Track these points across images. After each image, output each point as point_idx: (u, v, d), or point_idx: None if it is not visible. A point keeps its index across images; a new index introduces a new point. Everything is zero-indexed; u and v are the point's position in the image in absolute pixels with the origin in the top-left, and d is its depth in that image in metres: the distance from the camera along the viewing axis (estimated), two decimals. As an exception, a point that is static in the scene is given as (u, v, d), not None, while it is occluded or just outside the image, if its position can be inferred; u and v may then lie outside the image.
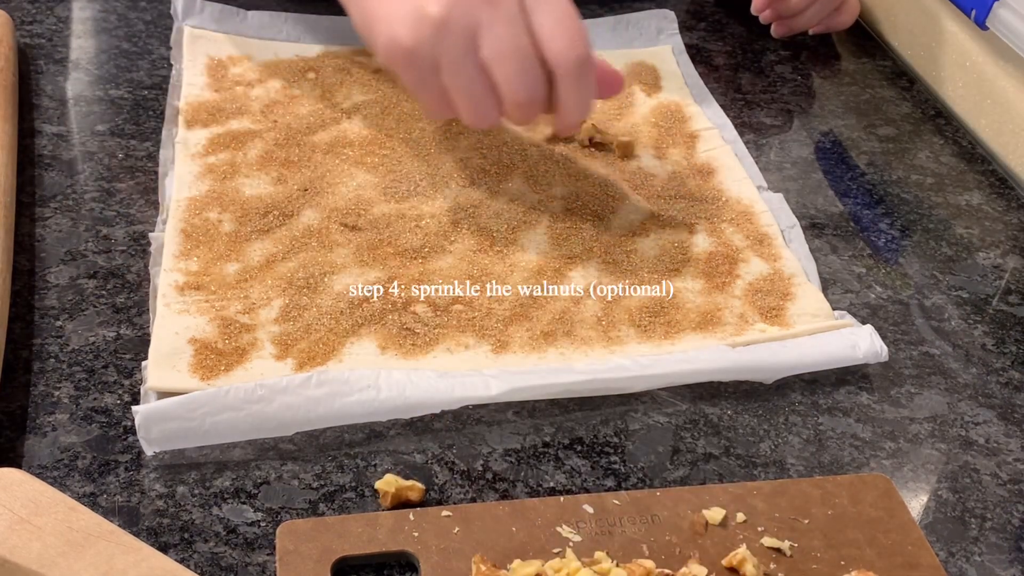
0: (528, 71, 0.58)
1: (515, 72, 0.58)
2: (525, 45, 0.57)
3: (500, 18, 0.57)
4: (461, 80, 0.58)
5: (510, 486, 0.52)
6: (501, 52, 0.57)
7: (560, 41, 0.58)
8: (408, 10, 0.58)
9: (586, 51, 0.59)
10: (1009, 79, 0.79)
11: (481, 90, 0.58)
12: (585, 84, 0.60)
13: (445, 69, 0.58)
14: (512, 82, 0.58)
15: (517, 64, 0.57)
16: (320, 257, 0.62)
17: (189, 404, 0.51)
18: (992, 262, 0.69)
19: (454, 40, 0.57)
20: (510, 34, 0.57)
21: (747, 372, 0.58)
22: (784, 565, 0.48)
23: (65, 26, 0.82)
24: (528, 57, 0.58)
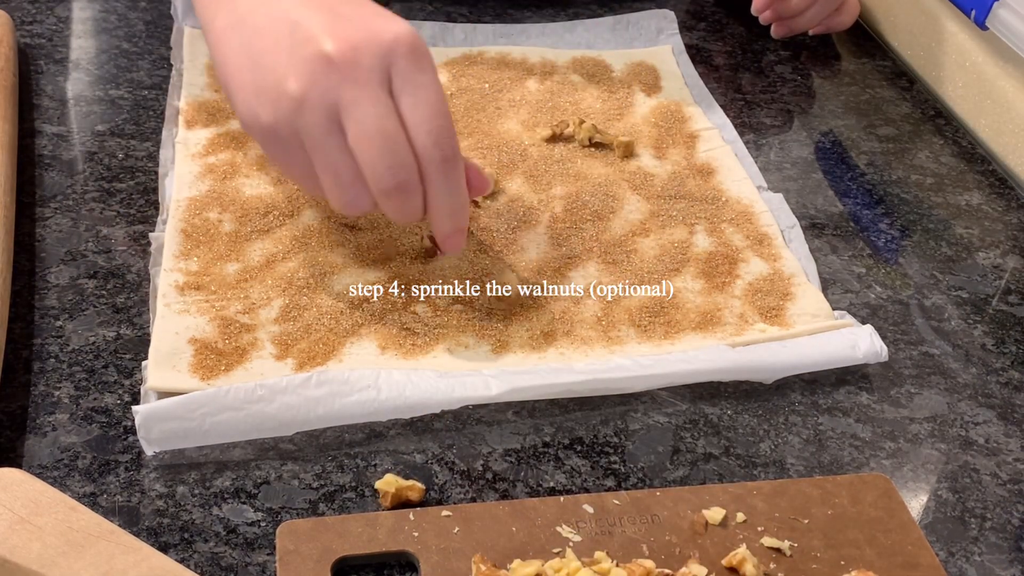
0: (395, 154, 0.52)
1: (380, 154, 0.52)
2: (392, 128, 0.52)
3: (364, 97, 0.52)
4: (325, 162, 0.53)
5: (510, 486, 0.52)
6: (365, 133, 0.52)
7: (428, 135, 0.53)
8: (269, 84, 0.53)
9: (453, 151, 0.54)
10: (1009, 79, 0.79)
11: (347, 173, 0.53)
12: (453, 183, 0.54)
13: (308, 149, 0.53)
14: (377, 165, 0.52)
15: (382, 146, 0.52)
16: (320, 257, 0.62)
17: (189, 404, 0.51)
18: (992, 262, 0.69)
19: (315, 119, 0.52)
20: (375, 115, 0.52)
21: (747, 372, 0.58)
22: (784, 565, 0.48)
23: (65, 26, 0.82)
24: (395, 140, 0.52)
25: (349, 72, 0.52)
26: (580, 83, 0.80)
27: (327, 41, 0.52)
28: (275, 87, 0.53)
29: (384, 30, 0.53)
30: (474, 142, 0.72)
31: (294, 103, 0.52)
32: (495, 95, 0.78)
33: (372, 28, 0.53)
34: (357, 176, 0.53)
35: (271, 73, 0.53)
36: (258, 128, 0.54)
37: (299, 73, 0.52)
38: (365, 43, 0.52)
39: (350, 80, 0.52)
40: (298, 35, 0.53)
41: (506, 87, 0.79)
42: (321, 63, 0.52)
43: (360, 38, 0.52)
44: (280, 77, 0.53)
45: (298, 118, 0.52)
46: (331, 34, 0.52)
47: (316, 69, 0.52)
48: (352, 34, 0.52)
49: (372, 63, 0.52)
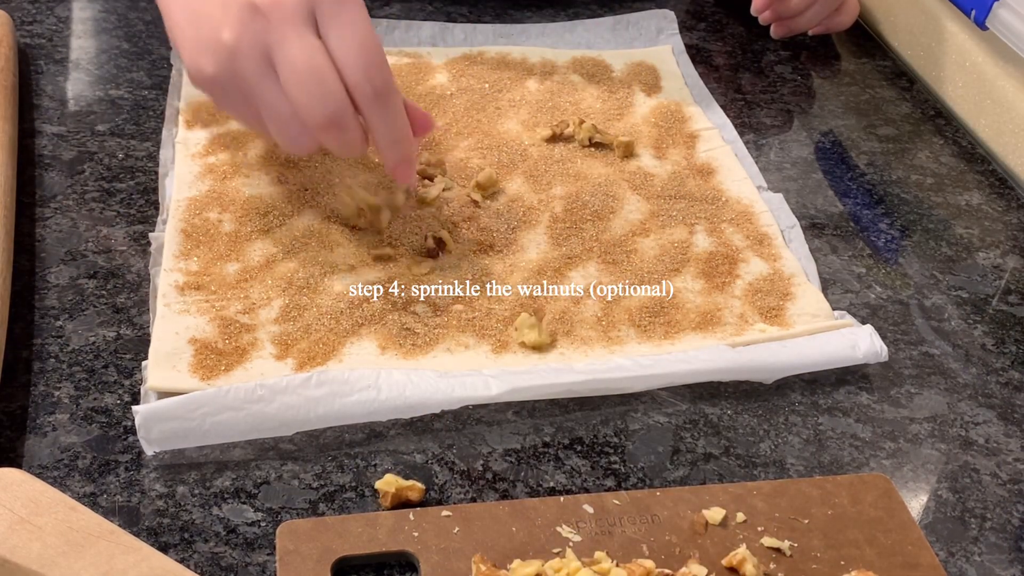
0: (323, 89, 0.55)
1: (308, 90, 0.55)
2: (319, 63, 0.55)
3: (290, 38, 0.55)
4: (263, 104, 0.56)
5: (510, 486, 0.52)
6: (293, 71, 0.55)
7: (357, 68, 0.55)
8: (207, 36, 0.56)
9: (384, 82, 0.56)
10: (1009, 79, 0.79)
11: (285, 113, 0.56)
12: (390, 114, 0.57)
13: (248, 95, 0.57)
14: (307, 101, 0.55)
15: (309, 82, 0.54)
16: (320, 257, 0.62)
17: (189, 404, 0.51)
18: (992, 262, 0.69)
19: (249, 64, 0.55)
20: (301, 53, 0.54)
21: (747, 372, 0.58)
22: (784, 565, 0.48)
23: (65, 26, 0.82)
24: (322, 75, 0.55)
25: (274, 16, 0.55)
26: (580, 83, 0.80)
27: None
28: (212, 38, 0.56)
29: None
30: (474, 142, 0.72)
31: (229, 51, 0.56)
32: (495, 95, 0.78)
33: None
34: (294, 115, 0.56)
35: (208, 26, 0.56)
36: (203, 80, 0.58)
37: (231, 23, 0.55)
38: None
39: (276, 23, 0.55)
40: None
41: (506, 87, 0.79)
42: (249, 10, 0.55)
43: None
44: (216, 28, 0.56)
45: (234, 65, 0.56)
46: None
47: (244, 17, 0.55)
48: None
49: (295, 6, 0.55)
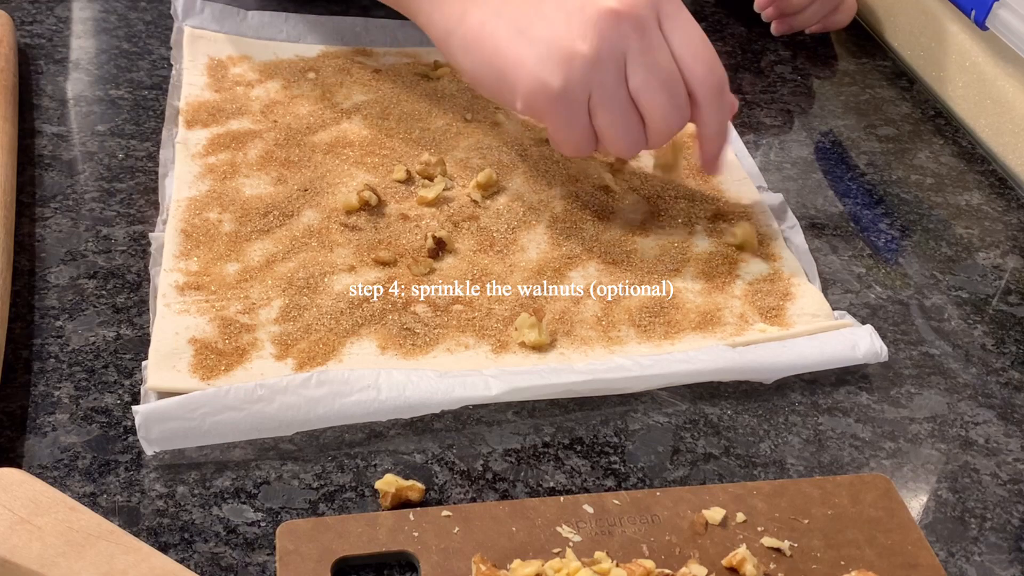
0: (677, 97, 0.58)
1: (666, 100, 0.58)
2: (673, 71, 0.58)
3: (649, 46, 0.57)
4: (612, 114, 0.58)
5: (510, 486, 0.52)
6: (655, 79, 0.57)
7: (701, 66, 0.58)
8: (553, 51, 0.57)
9: (723, 74, 0.60)
10: (1009, 79, 0.79)
11: (632, 121, 0.59)
12: (725, 106, 0.61)
13: (596, 105, 0.58)
14: (664, 109, 0.58)
15: (668, 92, 0.58)
16: (320, 257, 0.62)
17: (189, 404, 0.51)
18: (992, 262, 0.69)
19: (606, 75, 0.57)
20: (659, 62, 0.57)
21: (747, 372, 0.58)
22: (784, 565, 0.48)
23: (65, 26, 0.82)
24: (677, 83, 0.58)
25: (635, 22, 0.57)
26: (580, 83, 0.80)
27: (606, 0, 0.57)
28: (563, 52, 0.57)
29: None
30: (474, 142, 0.72)
31: (586, 61, 0.56)
32: (495, 95, 0.78)
33: None
34: (639, 121, 0.59)
35: (555, 41, 0.57)
36: (548, 96, 0.58)
37: (585, 34, 0.56)
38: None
39: (637, 29, 0.57)
40: (570, 5, 0.57)
41: (506, 87, 0.79)
42: (609, 19, 0.56)
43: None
44: (566, 42, 0.57)
45: (591, 75, 0.57)
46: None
47: (603, 25, 0.56)
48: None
49: (648, 12, 0.57)
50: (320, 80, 0.77)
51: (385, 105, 0.75)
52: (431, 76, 0.79)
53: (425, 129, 0.73)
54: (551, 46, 0.57)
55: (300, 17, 0.82)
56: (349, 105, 0.75)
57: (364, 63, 0.79)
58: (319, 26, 0.82)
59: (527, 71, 0.58)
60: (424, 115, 0.75)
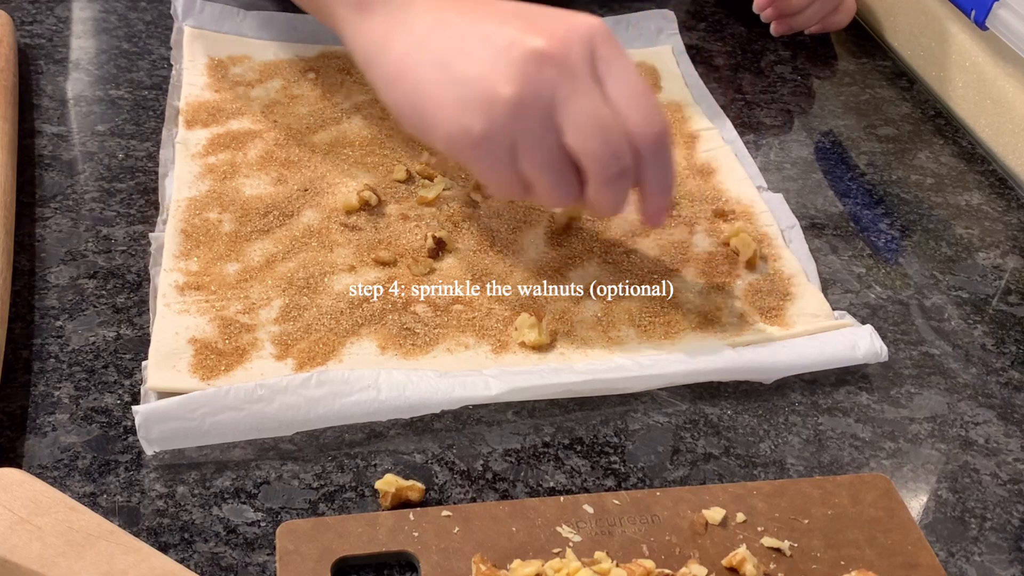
0: (617, 141, 0.53)
1: (603, 144, 0.52)
2: (608, 115, 0.53)
3: (579, 90, 0.52)
4: (541, 163, 0.53)
5: (510, 486, 0.52)
6: (585, 125, 0.52)
7: (638, 114, 0.53)
8: (475, 93, 0.52)
9: (664, 124, 0.54)
10: (1009, 79, 0.79)
11: (563, 170, 0.54)
12: (667, 158, 0.55)
13: (523, 152, 0.53)
14: (601, 154, 0.53)
15: (604, 135, 0.52)
16: (320, 257, 0.62)
17: (189, 404, 0.51)
18: (992, 262, 0.69)
19: (531, 121, 0.52)
20: (592, 106, 0.52)
21: (747, 372, 0.58)
22: (784, 565, 0.48)
23: (65, 26, 0.82)
24: (613, 129, 0.53)
25: (563, 65, 0.52)
26: (580, 83, 0.80)
27: (534, 39, 0.52)
28: (485, 95, 0.52)
29: (581, 22, 0.54)
30: (474, 142, 0.72)
31: (509, 106, 0.52)
32: (495, 95, 0.78)
33: (570, 22, 0.54)
34: (572, 170, 0.54)
35: (476, 82, 0.52)
36: (469, 141, 0.53)
37: (509, 76, 0.52)
38: (571, 35, 0.53)
39: (565, 73, 0.52)
40: (497, 41, 0.53)
41: (506, 87, 0.79)
42: (534, 60, 0.52)
43: (564, 31, 0.53)
44: (488, 85, 0.52)
45: (514, 121, 0.52)
46: (535, 32, 0.53)
47: (529, 68, 0.52)
48: (555, 29, 0.53)
49: (581, 52, 0.53)
50: (320, 80, 0.77)
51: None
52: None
53: (425, 129, 0.73)
54: (474, 87, 0.52)
55: (300, 17, 0.82)
56: (349, 105, 0.75)
57: (364, 63, 0.79)
58: (319, 26, 0.82)
59: (448, 114, 0.54)
60: (424, 115, 0.74)
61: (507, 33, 0.53)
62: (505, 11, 0.55)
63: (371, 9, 0.59)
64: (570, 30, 0.53)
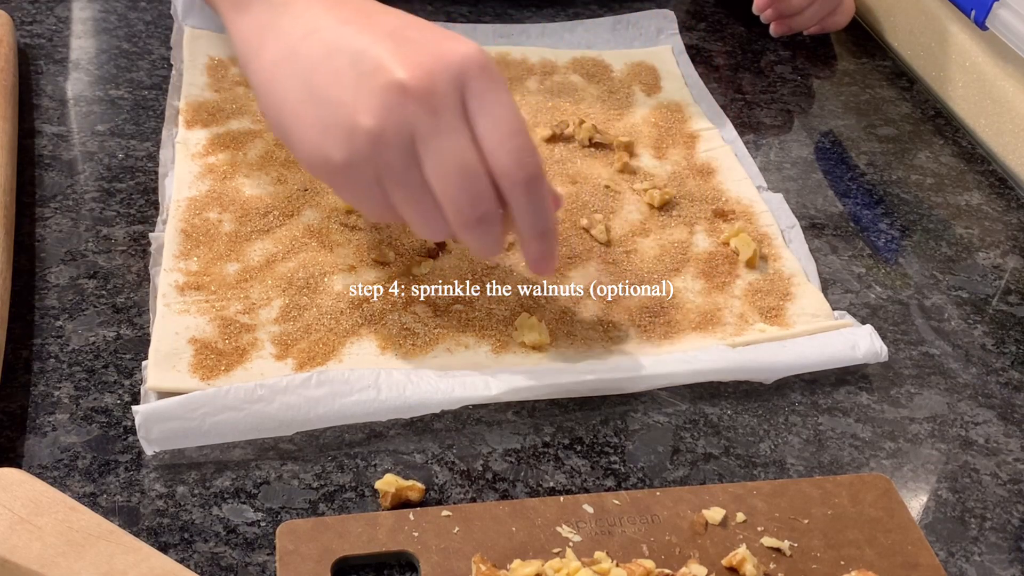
0: (475, 187, 0.50)
1: (460, 189, 0.49)
2: (471, 159, 0.49)
3: (442, 128, 0.49)
4: (404, 196, 0.51)
5: (510, 486, 0.52)
6: (444, 167, 0.49)
7: (509, 156, 0.50)
8: (337, 120, 0.50)
9: (536, 168, 0.51)
10: (1009, 79, 0.79)
11: (428, 205, 0.51)
12: (539, 202, 0.52)
13: (386, 183, 0.51)
14: (457, 199, 0.50)
15: (462, 180, 0.49)
16: (320, 257, 0.62)
17: (189, 404, 0.51)
18: (992, 262, 0.69)
19: (391, 155, 0.49)
20: (454, 146, 0.49)
21: (747, 372, 0.58)
22: (784, 565, 0.48)
23: (65, 26, 0.82)
24: (474, 172, 0.50)
25: (425, 100, 0.49)
26: (580, 83, 0.80)
27: (398, 69, 0.49)
28: (345, 122, 0.50)
29: (453, 51, 0.50)
30: (474, 142, 0.72)
31: (370, 137, 0.49)
32: (495, 95, 0.78)
33: (441, 51, 0.50)
34: (437, 207, 0.51)
35: (339, 108, 0.50)
36: (329, 169, 0.51)
37: (370, 107, 0.49)
38: (438, 67, 0.49)
39: (427, 109, 0.49)
40: (364, 65, 0.50)
41: (506, 87, 0.79)
42: (395, 93, 0.49)
43: (431, 62, 0.49)
44: (349, 112, 0.50)
45: (375, 154, 0.50)
46: (401, 61, 0.49)
47: (390, 100, 0.49)
48: (423, 59, 0.49)
49: (447, 88, 0.49)
50: (320, 80, 0.77)
51: (385, 105, 0.75)
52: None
53: (425, 129, 0.73)
54: (336, 114, 0.50)
55: (300, 17, 0.82)
56: (349, 105, 0.74)
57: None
58: (319, 26, 0.82)
59: (309, 138, 0.51)
60: (424, 115, 0.75)
61: (375, 57, 0.50)
62: (383, 26, 0.52)
63: (247, 5, 0.57)
64: (439, 60, 0.49)
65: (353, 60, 0.50)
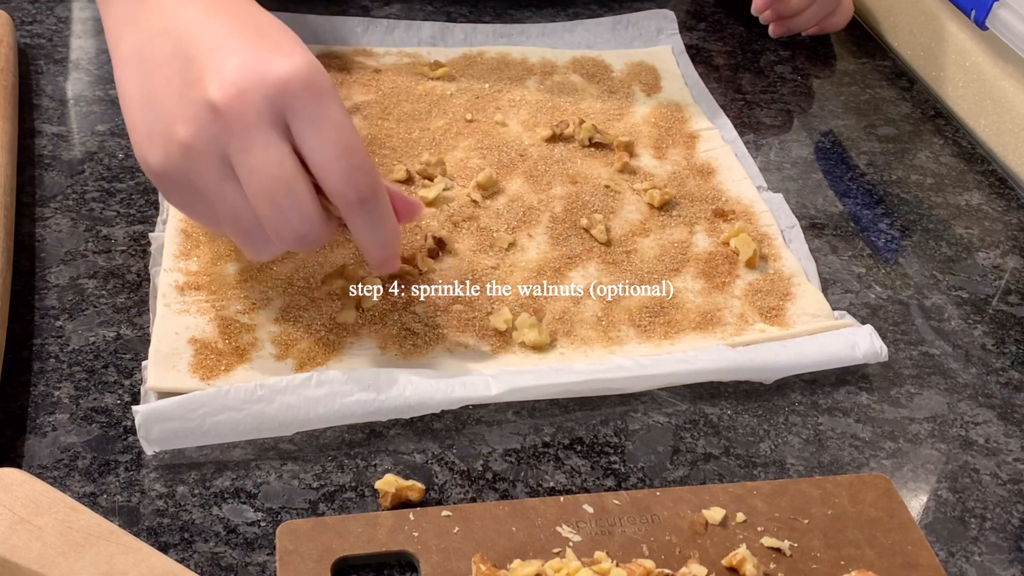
0: (295, 206, 0.48)
1: (278, 206, 0.48)
2: (288, 175, 0.48)
3: (254, 145, 0.48)
4: (223, 209, 0.50)
5: (510, 486, 0.52)
6: (258, 184, 0.48)
7: (339, 176, 0.49)
8: (159, 127, 0.50)
9: (370, 188, 0.49)
10: (1009, 79, 0.79)
11: (249, 222, 0.50)
12: (376, 218, 0.51)
13: (203, 195, 0.50)
14: (274, 219, 0.49)
15: (280, 198, 0.48)
16: (320, 257, 0.62)
17: (189, 404, 0.51)
18: (992, 262, 0.69)
19: (205, 167, 0.49)
20: (267, 163, 0.48)
21: (747, 372, 0.58)
22: (784, 565, 0.48)
23: (65, 26, 0.82)
24: (292, 189, 0.48)
25: (236, 119, 0.48)
26: (580, 83, 0.80)
27: (212, 86, 0.48)
28: (164, 131, 0.49)
29: (275, 68, 0.48)
30: (474, 142, 0.72)
31: (183, 149, 0.49)
32: (495, 95, 0.78)
33: (263, 67, 0.48)
34: (258, 225, 0.50)
35: (162, 115, 0.50)
36: (149, 172, 0.52)
37: (186, 119, 0.49)
38: (252, 86, 0.48)
39: (238, 127, 0.48)
40: (189, 75, 0.49)
41: (506, 87, 0.79)
42: (207, 110, 0.48)
43: (247, 81, 0.48)
44: (169, 121, 0.49)
45: (188, 165, 0.49)
46: (218, 77, 0.48)
47: (202, 116, 0.48)
48: (239, 77, 0.48)
49: (261, 107, 0.48)
50: (320, 80, 0.77)
51: (385, 105, 0.75)
52: (431, 76, 0.79)
53: (425, 129, 0.73)
54: (158, 120, 0.50)
55: (299, 17, 0.82)
56: (349, 105, 0.75)
57: (364, 63, 0.79)
58: (319, 26, 0.82)
59: (137, 138, 0.51)
60: (424, 115, 0.75)
61: (200, 67, 0.49)
62: (231, 28, 0.51)
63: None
64: (258, 80, 0.48)
65: (183, 68, 0.50)
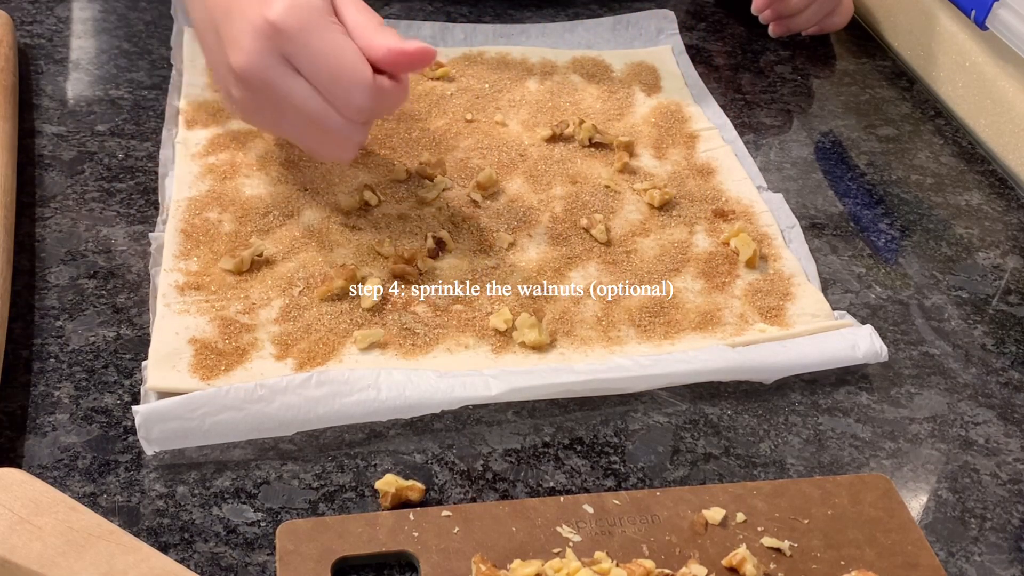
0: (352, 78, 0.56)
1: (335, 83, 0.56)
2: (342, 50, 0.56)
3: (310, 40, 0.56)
4: (290, 105, 0.57)
5: (510, 486, 0.52)
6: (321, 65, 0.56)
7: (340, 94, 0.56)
8: (235, 35, 0.57)
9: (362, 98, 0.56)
10: (1009, 79, 0.79)
11: (316, 109, 0.57)
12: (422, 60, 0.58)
13: (277, 92, 0.57)
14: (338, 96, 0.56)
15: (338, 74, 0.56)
16: (320, 257, 0.62)
17: (189, 404, 0.51)
18: (992, 262, 0.69)
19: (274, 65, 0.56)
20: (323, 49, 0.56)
21: (747, 372, 0.58)
22: (784, 565, 0.48)
23: (65, 26, 0.82)
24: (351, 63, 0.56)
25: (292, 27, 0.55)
26: (580, 83, 0.80)
27: (233, 52, 0.57)
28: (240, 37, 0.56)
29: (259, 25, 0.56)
30: (474, 142, 0.72)
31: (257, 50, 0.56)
32: (495, 95, 0.78)
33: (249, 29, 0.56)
34: (326, 107, 0.56)
35: (235, 28, 0.57)
36: (235, 73, 0.57)
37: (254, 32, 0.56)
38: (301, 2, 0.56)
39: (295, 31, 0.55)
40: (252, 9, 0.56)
41: (506, 87, 0.79)
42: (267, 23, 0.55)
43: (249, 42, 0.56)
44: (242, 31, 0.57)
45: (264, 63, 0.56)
46: (234, 43, 0.57)
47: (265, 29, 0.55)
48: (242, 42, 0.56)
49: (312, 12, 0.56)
50: (320, 80, 0.77)
51: (385, 105, 0.75)
52: (431, 76, 0.79)
53: (425, 129, 0.73)
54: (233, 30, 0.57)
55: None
56: (349, 105, 0.74)
57: (364, 63, 0.79)
58: (319, 26, 0.82)
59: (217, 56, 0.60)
60: (424, 115, 0.75)
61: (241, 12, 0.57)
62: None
63: None
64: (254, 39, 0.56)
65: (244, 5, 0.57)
